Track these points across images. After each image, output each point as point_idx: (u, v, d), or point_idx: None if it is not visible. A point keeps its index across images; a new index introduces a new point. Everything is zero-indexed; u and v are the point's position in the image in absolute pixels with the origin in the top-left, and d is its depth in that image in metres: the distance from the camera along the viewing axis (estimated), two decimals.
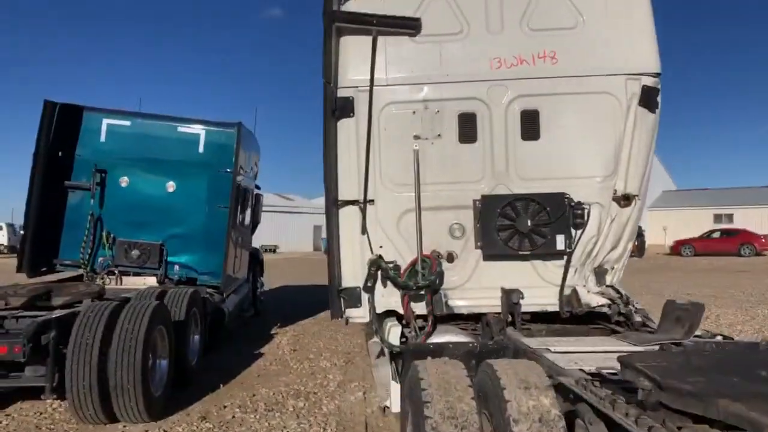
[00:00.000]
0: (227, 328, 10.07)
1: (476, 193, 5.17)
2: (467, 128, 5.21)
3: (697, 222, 49.08)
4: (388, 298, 5.26)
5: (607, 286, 5.41)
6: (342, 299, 5.31)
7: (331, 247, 5.21)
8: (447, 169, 5.23)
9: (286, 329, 11.52)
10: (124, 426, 5.95)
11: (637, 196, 5.24)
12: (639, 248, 34.70)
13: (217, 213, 9.41)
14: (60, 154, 9.35)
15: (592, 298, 5.18)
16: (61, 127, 9.20)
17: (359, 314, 5.33)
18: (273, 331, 11.32)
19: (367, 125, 5.16)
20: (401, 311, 5.22)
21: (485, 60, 5.20)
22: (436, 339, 5.03)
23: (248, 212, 11.83)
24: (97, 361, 5.65)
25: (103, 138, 9.50)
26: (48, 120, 8.96)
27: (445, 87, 5.21)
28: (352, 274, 5.31)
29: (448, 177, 5.22)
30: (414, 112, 5.22)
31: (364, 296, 5.26)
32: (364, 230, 5.24)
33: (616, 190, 5.21)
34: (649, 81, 5.16)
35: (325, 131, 5.14)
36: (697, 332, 5.03)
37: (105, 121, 9.53)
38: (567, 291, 5.18)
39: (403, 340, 5.11)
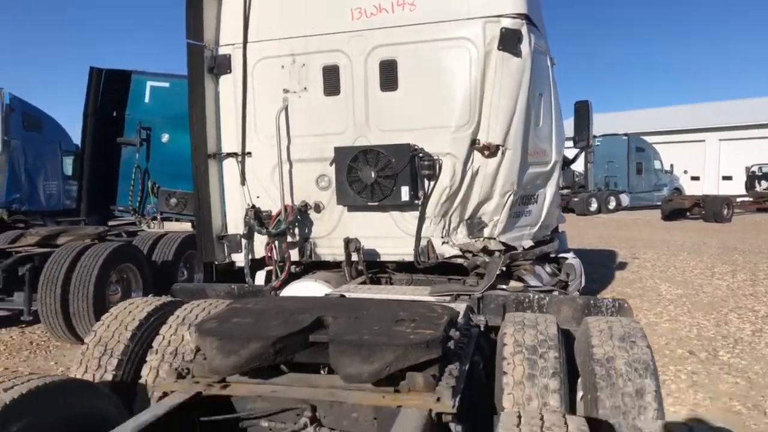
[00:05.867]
0: None
1: (340, 145, 5.27)
2: (331, 81, 5.27)
3: None
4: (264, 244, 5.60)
5: (487, 238, 5.29)
6: (226, 245, 5.74)
7: (198, 196, 5.62)
8: (313, 122, 5.35)
9: None
10: None
11: (501, 145, 4.99)
12: None
13: None
14: (114, 114, 10.70)
15: (446, 249, 5.11)
16: (112, 90, 10.48)
17: (241, 259, 5.73)
18: None
19: (243, 80, 5.46)
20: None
21: (347, 11, 5.19)
22: (300, 284, 5.32)
23: None
24: (60, 291, 6.69)
25: (147, 99, 10.66)
26: (95, 84, 10.25)
27: (310, 40, 5.29)
28: (234, 222, 5.70)
29: (314, 129, 5.35)
30: (283, 67, 5.38)
31: (244, 242, 5.65)
32: (243, 181, 5.60)
33: (478, 140, 5.00)
34: (509, 23, 4.84)
35: (191, 89, 5.49)
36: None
37: (149, 84, 10.66)
38: (423, 242, 5.15)
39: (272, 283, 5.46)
